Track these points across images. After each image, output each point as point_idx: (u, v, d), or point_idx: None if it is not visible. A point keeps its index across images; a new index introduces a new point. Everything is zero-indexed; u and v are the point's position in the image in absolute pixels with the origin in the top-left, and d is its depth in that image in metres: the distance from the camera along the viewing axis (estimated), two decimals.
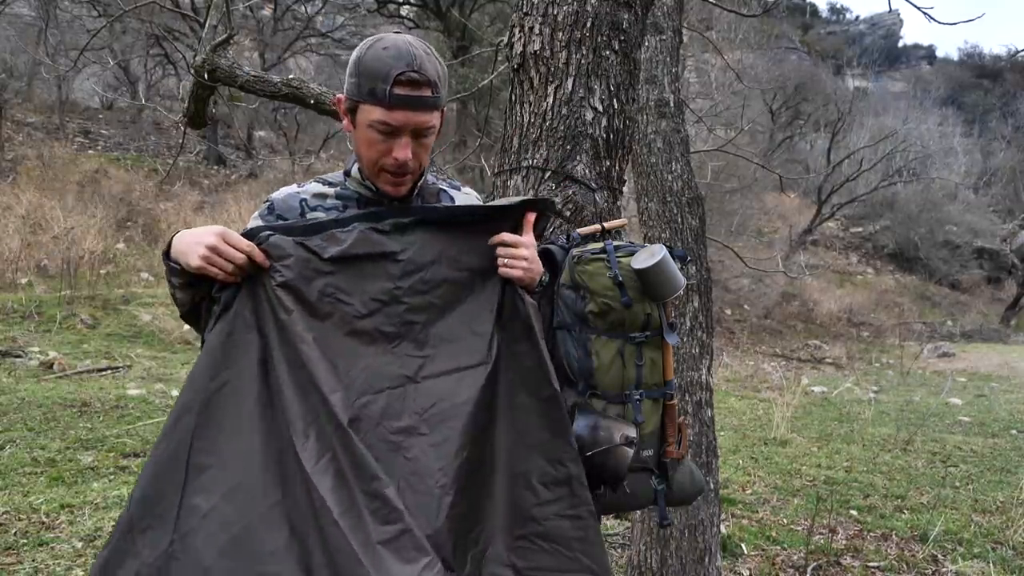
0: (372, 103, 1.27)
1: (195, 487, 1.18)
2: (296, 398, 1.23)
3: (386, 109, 1.27)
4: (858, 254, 24.39)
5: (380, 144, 1.31)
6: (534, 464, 1.35)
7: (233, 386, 1.23)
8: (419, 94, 1.27)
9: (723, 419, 7.48)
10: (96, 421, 5.25)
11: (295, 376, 1.24)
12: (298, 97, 2.73)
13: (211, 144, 17.29)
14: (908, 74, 46.11)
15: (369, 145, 1.32)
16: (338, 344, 1.28)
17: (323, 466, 1.20)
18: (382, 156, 1.32)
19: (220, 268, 1.22)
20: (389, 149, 1.31)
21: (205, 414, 1.21)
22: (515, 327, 1.39)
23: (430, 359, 1.33)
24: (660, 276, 1.57)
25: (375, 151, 1.32)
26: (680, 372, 3.10)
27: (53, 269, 10.23)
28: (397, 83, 1.25)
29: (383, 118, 1.27)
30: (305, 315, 1.27)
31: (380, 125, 1.28)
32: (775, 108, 23.89)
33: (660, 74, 3.37)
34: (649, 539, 3.17)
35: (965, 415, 8.67)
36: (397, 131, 1.29)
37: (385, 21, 18.23)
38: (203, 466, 1.19)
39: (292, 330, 1.24)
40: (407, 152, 1.31)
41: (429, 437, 1.29)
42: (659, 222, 3.29)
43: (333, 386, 1.24)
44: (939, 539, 4.21)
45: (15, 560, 3.13)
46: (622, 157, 1.87)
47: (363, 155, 1.36)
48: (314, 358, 1.24)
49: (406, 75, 1.25)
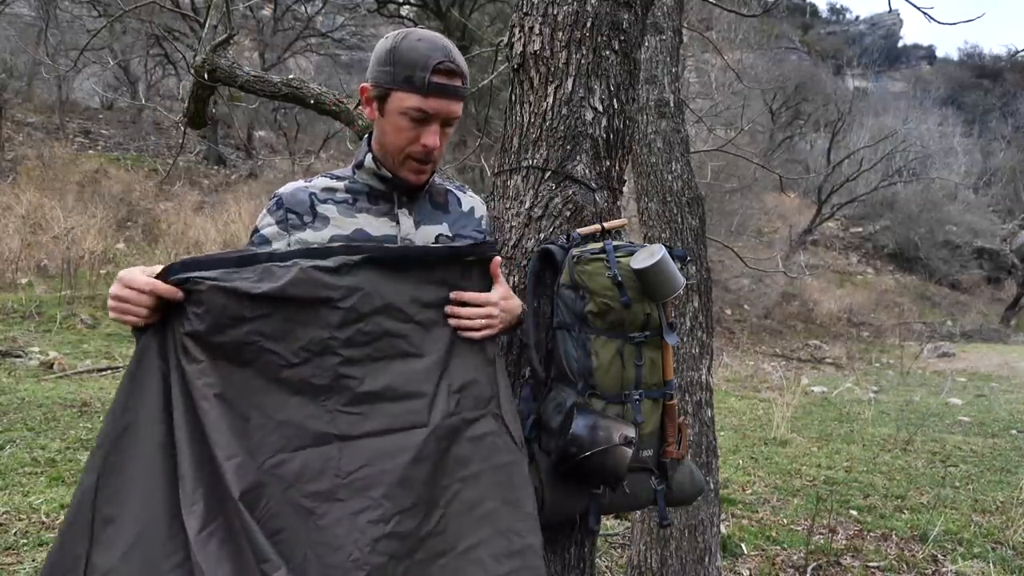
0: (408, 90, 1.29)
1: (99, 542, 1.09)
2: (189, 458, 1.11)
3: (422, 96, 1.29)
4: (858, 254, 24.38)
5: (410, 131, 1.33)
6: (484, 535, 1.24)
7: (135, 429, 1.13)
8: (454, 83, 1.31)
9: (723, 419, 7.48)
10: (96, 421, 5.25)
11: (191, 432, 1.12)
12: (298, 97, 2.73)
13: (211, 144, 17.29)
14: (908, 74, 46.11)
15: (398, 132, 1.33)
16: (257, 394, 1.16)
17: (206, 536, 1.09)
18: (410, 143, 1.34)
19: (133, 315, 1.16)
20: (418, 136, 1.33)
21: (112, 457, 1.12)
22: (471, 389, 1.29)
23: (363, 417, 1.20)
24: (660, 276, 1.57)
25: (404, 138, 1.33)
26: (680, 372, 3.10)
27: (53, 269, 10.23)
28: (436, 72, 1.28)
29: (419, 105, 1.30)
30: (219, 363, 1.15)
31: (415, 112, 1.30)
32: (775, 108, 23.89)
33: (660, 74, 3.36)
34: (649, 539, 3.17)
35: (965, 415, 8.66)
36: (430, 118, 1.32)
37: (385, 21, 18.21)
38: (108, 518, 1.11)
39: (194, 383, 1.13)
40: (435, 139, 1.33)
41: (348, 504, 1.16)
42: (659, 222, 3.29)
43: (232, 451, 1.12)
44: (939, 539, 4.21)
45: (15, 560, 3.13)
46: (622, 157, 1.86)
47: (390, 142, 1.36)
48: (213, 418, 1.12)
49: (444, 64, 1.29)
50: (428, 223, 1.45)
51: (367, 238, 1.37)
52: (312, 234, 1.35)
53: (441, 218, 1.48)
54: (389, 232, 1.40)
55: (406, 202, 1.43)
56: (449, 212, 1.51)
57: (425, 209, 1.47)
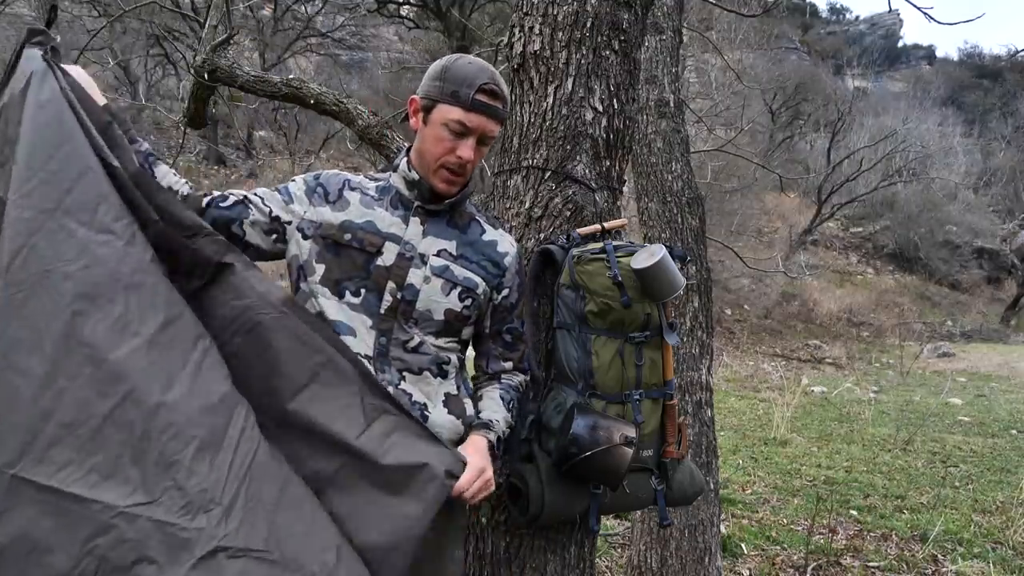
0: (453, 104, 1.40)
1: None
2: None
3: (465, 110, 1.40)
4: (858, 254, 24.37)
5: (448, 142, 1.42)
6: None
7: None
8: (495, 104, 1.43)
9: (723, 419, 7.48)
10: None
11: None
12: (298, 97, 2.73)
13: (211, 144, 17.28)
14: (908, 74, 46.07)
15: (437, 141, 1.42)
16: None
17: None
18: (447, 154, 1.42)
19: None
20: (455, 148, 1.42)
21: None
22: None
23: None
24: (660, 276, 1.57)
25: (442, 148, 1.42)
26: (680, 372, 3.10)
27: None
28: (481, 91, 1.40)
29: (461, 118, 1.40)
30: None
31: (456, 124, 1.40)
32: (775, 108, 23.87)
33: (660, 74, 3.36)
34: (649, 539, 3.17)
35: (965, 415, 8.66)
36: (469, 132, 1.41)
37: (385, 21, 18.23)
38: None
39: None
40: (470, 153, 1.42)
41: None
42: (659, 222, 3.29)
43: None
44: (939, 539, 4.21)
45: None
46: (622, 157, 1.86)
47: (428, 150, 1.44)
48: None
49: (488, 86, 1.41)
50: (437, 236, 1.48)
51: (375, 231, 1.44)
52: (330, 213, 1.45)
53: (453, 235, 1.50)
54: (397, 232, 1.45)
55: (422, 212, 1.48)
56: (465, 234, 1.51)
57: (440, 224, 1.50)
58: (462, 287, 1.46)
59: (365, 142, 2.65)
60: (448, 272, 1.45)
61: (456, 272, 1.46)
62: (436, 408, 1.45)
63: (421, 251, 1.45)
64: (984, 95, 41.08)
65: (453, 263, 1.47)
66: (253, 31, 17.33)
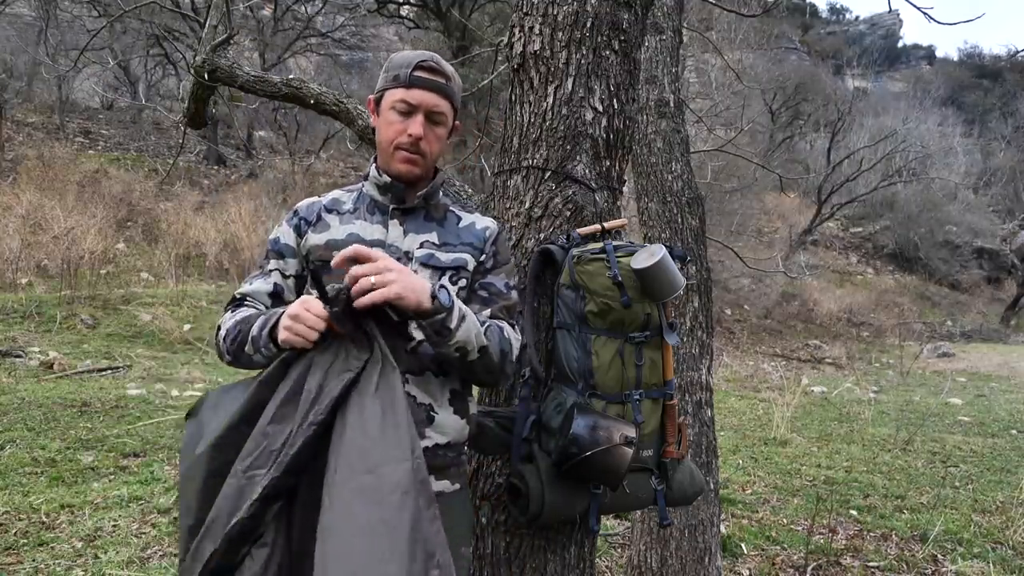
0: (395, 86, 1.48)
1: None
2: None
3: (406, 88, 1.46)
4: (858, 254, 24.38)
5: (398, 124, 1.47)
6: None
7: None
8: (434, 78, 1.47)
9: (723, 419, 7.48)
10: (96, 421, 5.25)
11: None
12: (298, 97, 2.73)
13: (211, 144, 17.29)
14: (908, 74, 46.10)
15: (388, 126, 1.48)
16: None
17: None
18: (399, 135, 1.47)
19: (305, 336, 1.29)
20: (405, 128, 1.46)
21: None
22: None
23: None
24: (660, 276, 1.57)
25: (393, 130, 1.48)
26: (680, 372, 3.10)
27: (53, 269, 10.24)
28: (417, 67, 1.47)
29: (404, 96, 1.46)
30: None
31: (400, 104, 1.46)
32: (775, 108, 23.89)
33: (660, 74, 3.36)
34: (649, 539, 3.17)
35: (965, 415, 8.66)
36: (414, 109, 1.46)
37: (385, 21, 18.23)
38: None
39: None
40: (419, 129, 1.45)
41: None
42: (659, 222, 3.29)
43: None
44: (939, 539, 4.20)
45: (15, 560, 3.13)
46: (622, 157, 1.86)
47: (383, 138, 1.50)
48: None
49: (426, 63, 1.47)
50: (417, 232, 1.51)
51: (359, 241, 1.47)
52: (314, 236, 1.51)
53: (432, 228, 1.53)
54: (380, 238, 1.50)
55: (399, 214, 1.52)
56: (443, 226, 1.54)
57: (418, 220, 1.53)
58: (451, 269, 1.49)
59: (365, 142, 2.65)
60: (434, 259, 1.48)
61: (442, 257, 1.49)
62: (443, 409, 1.45)
63: (405, 249, 1.49)
64: (984, 95, 41.11)
65: (437, 251, 1.50)
66: (253, 31, 17.33)
